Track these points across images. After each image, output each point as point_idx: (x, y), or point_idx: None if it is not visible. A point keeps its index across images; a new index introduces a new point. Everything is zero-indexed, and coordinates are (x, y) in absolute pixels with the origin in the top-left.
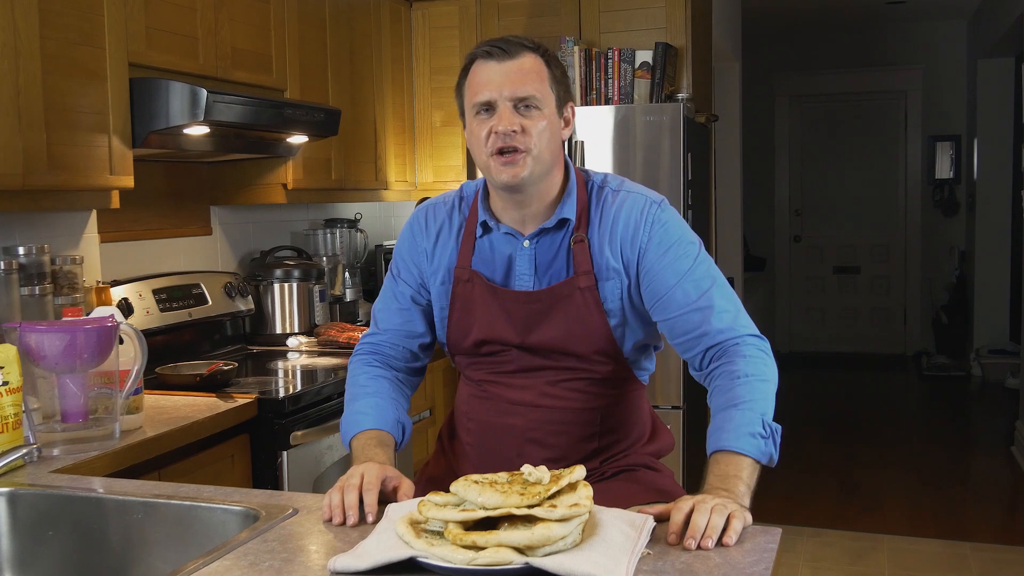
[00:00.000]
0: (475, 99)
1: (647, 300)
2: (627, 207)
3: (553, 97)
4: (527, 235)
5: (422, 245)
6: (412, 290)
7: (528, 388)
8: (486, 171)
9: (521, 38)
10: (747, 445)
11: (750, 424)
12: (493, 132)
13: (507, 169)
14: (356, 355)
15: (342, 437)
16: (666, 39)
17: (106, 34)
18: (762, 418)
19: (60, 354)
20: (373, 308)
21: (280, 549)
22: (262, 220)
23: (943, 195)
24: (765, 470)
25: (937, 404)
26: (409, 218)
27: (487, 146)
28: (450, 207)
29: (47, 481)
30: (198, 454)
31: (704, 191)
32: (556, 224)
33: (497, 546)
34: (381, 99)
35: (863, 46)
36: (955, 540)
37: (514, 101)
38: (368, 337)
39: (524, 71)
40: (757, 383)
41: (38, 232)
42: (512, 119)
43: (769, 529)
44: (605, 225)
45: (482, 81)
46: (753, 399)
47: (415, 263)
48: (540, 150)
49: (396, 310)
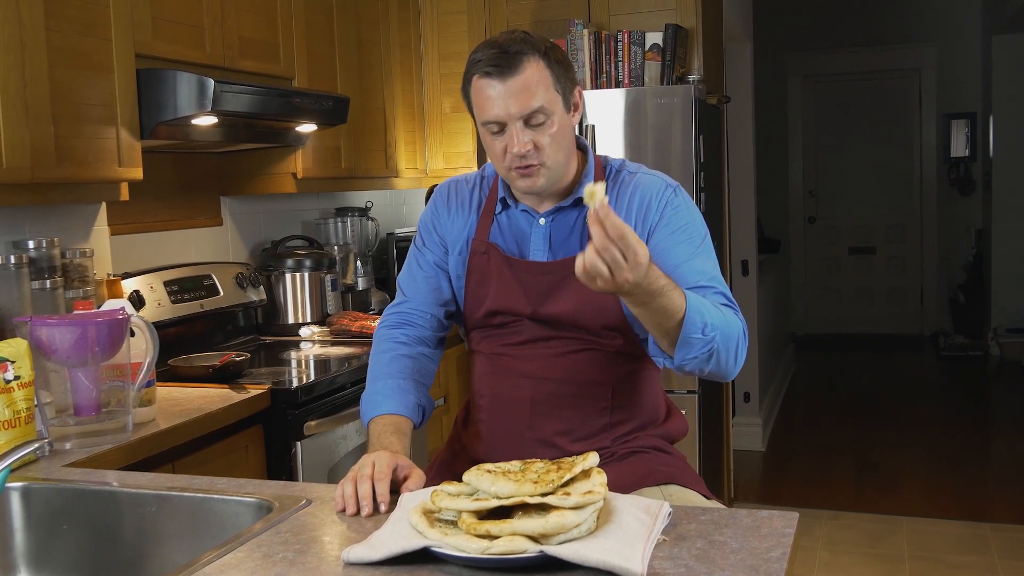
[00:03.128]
0: (484, 117)
1: None
2: (643, 188)
3: (560, 97)
4: (543, 212)
5: (444, 216)
6: (436, 257)
7: (538, 359)
8: (505, 179)
9: (517, 39)
10: (693, 313)
11: (711, 316)
12: (508, 152)
13: (524, 181)
14: (382, 326)
15: (361, 416)
16: (676, 20)
17: (112, 25)
18: (715, 328)
19: (71, 347)
20: (398, 279)
21: (294, 540)
22: (272, 210)
23: (959, 174)
24: (778, 456)
25: (955, 384)
26: (433, 192)
27: (504, 161)
28: (472, 185)
29: (61, 475)
30: (212, 446)
31: (717, 173)
32: (572, 203)
33: (511, 535)
34: (390, 86)
35: (876, 24)
36: (975, 521)
37: (523, 118)
38: (394, 307)
39: (528, 86)
40: (730, 325)
41: (48, 225)
42: (524, 140)
43: (786, 513)
44: (620, 204)
45: (487, 100)
46: (724, 319)
47: (438, 232)
48: (554, 159)
49: (423, 278)
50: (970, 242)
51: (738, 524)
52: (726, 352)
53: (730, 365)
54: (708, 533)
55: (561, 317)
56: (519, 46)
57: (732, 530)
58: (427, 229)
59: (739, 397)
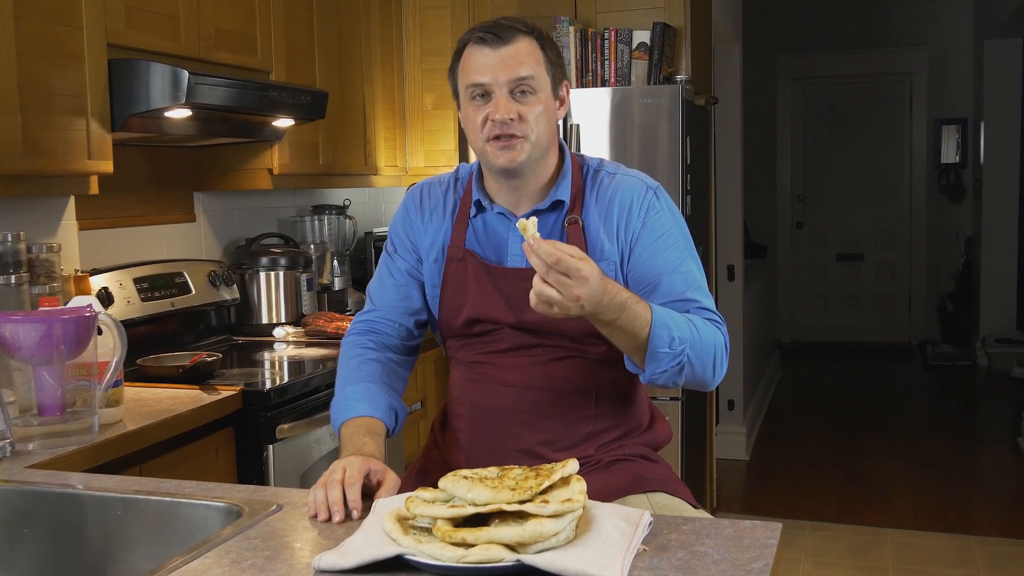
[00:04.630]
0: (469, 80)
1: (633, 284)
2: (623, 190)
3: (548, 80)
4: (520, 215)
5: (417, 222)
6: (408, 265)
7: (519, 367)
8: (482, 155)
9: (514, 20)
10: (660, 327)
11: (680, 330)
12: (490, 120)
13: (504, 154)
14: (350, 334)
15: (332, 422)
16: (664, 19)
17: (83, 13)
18: (684, 341)
19: (36, 345)
20: (368, 288)
21: (263, 547)
22: (247, 206)
23: (949, 180)
24: (762, 465)
25: (942, 394)
26: (404, 196)
27: (483, 132)
28: (446, 187)
29: (23, 477)
30: (180, 448)
31: (703, 176)
32: (550, 206)
33: (487, 543)
34: (370, 81)
35: (867, 26)
36: (961, 533)
37: (510, 86)
38: (363, 315)
39: (519, 55)
40: (705, 336)
41: (14, 219)
42: (509, 106)
43: (769, 523)
44: (600, 207)
45: (477, 66)
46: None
47: (411, 239)
48: (537, 135)
49: (393, 286)
50: (959, 250)
51: (720, 534)
52: (701, 365)
53: (707, 377)
54: (689, 543)
55: (543, 325)
56: (515, 23)
57: (714, 540)
58: (398, 235)
59: (723, 405)
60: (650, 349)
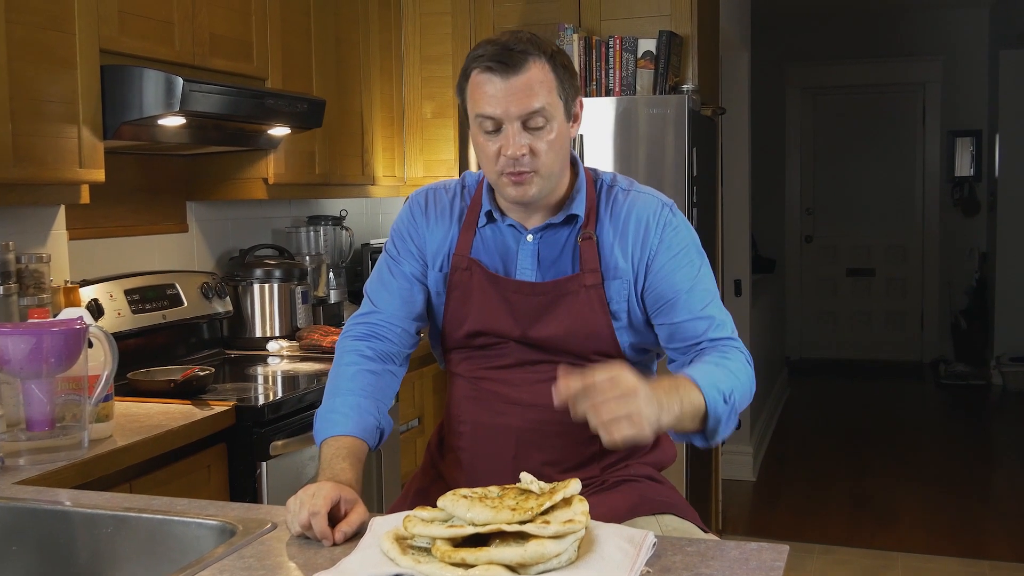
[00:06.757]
0: (478, 110)
1: (650, 303)
2: (639, 207)
3: (562, 104)
4: (531, 229)
5: (422, 226)
6: (412, 267)
7: (524, 384)
8: (494, 184)
9: (524, 42)
10: (709, 390)
11: (723, 383)
12: (502, 155)
13: (516, 188)
14: (347, 336)
15: (315, 433)
16: (671, 27)
17: (76, 18)
18: (732, 391)
19: (25, 358)
20: (366, 287)
21: (258, 566)
22: (241, 217)
23: (963, 193)
24: (769, 486)
25: (955, 414)
26: (408, 199)
27: (496, 165)
28: (452, 193)
29: (11, 493)
30: (172, 465)
31: (710, 188)
32: (563, 220)
33: (488, 563)
34: (368, 89)
35: (879, 35)
36: (974, 558)
37: (521, 119)
38: (362, 317)
39: (531, 86)
40: (741, 374)
41: (2, 228)
42: (520, 142)
43: (776, 546)
44: (616, 224)
45: (486, 96)
46: (734, 375)
47: (416, 243)
48: (549, 168)
49: (396, 288)
50: (973, 265)
51: (725, 556)
52: (743, 401)
53: (746, 404)
54: (694, 565)
55: (551, 341)
56: (524, 46)
57: (719, 563)
58: (401, 238)
59: None
60: (711, 419)
